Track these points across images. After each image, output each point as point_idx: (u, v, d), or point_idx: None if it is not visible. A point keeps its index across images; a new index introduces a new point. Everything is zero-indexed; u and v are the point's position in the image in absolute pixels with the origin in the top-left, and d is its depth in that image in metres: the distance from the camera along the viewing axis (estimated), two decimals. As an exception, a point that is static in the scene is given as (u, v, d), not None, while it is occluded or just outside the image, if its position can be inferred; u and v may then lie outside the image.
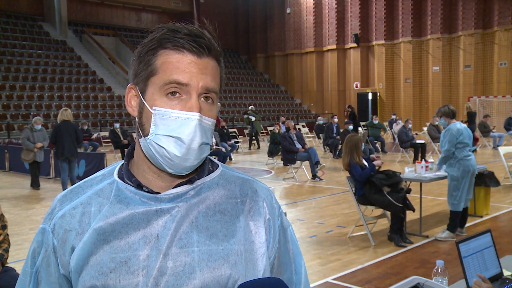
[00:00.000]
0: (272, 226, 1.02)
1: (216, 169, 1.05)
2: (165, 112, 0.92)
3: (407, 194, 5.57)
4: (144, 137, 0.95)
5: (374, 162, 5.75)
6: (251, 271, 0.96)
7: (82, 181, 1.04)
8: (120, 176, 1.01)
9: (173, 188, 0.97)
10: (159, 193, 0.97)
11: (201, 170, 1.01)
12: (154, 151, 0.93)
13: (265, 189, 1.06)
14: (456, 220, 5.65)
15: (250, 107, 21.43)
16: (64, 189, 9.34)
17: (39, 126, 9.96)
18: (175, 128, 0.91)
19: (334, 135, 14.83)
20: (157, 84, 0.93)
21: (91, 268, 0.93)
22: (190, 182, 0.98)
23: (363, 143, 5.92)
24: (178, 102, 0.92)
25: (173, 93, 0.92)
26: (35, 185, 10.05)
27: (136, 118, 0.98)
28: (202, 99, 0.94)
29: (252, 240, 0.98)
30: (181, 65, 0.92)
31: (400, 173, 5.78)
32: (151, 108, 0.93)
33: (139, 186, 0.97)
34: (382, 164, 5.80)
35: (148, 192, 0.97)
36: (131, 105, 0.99)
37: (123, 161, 1.04)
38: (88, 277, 0.92)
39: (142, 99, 0.95)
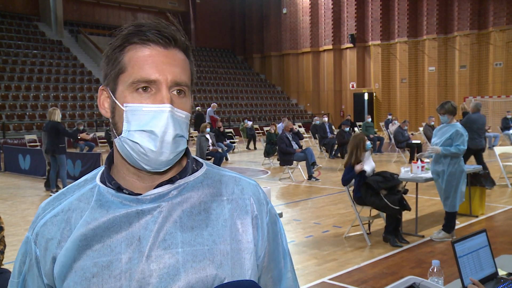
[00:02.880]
0: (260, 224, 1.00)
1: (201, 168, 1.03)
2: (136, 107, 0.90)
3: (404, 195, 5.57)
4: (118, 136, 0.94)
5: (356, 169, 5.67)
6: (238, 271, 0.95)
7: (66, 187, 1.04)
8: (103, 180, 1.00)
9: (155, 188, 0.96)
10: (141, 194, 0.95)
11: (184, 169, 0.99)
12: (129, 149, 0.92)
13: (253, 186, 1.04)
14: (453, 221, 5.64)
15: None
16: (52, 186, 9.26)
17: None
18: (147, 121, 0.90)
19: (328, 134, 14.86)
20: (126, 82, 0.92)
21: (75, 274, 0.92)
22: (171, 181, 0.97)
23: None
24: (149, 96, 0.91)
25: (144, 88, 0.91)
26: (47, 185, 9.78)
27: (110, 119, 0.97)
28: (174, 92, 0.93)
29: (239, 239, 0.96)
30: (149, 60, 0.91)
31: (398, 175, 5.77)
32: (122, 106, 0.92)
33: (119, 188, 0.96)
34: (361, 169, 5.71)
35: (129, 194, 0.95)
36: (104, 107, 0.98)
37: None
38: (72, 283, 0.92)
39: (113, 98, 0.94)
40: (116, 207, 0.94)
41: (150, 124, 0.89)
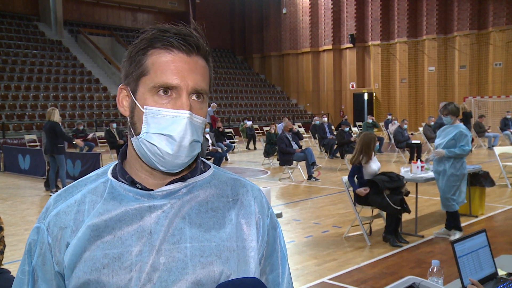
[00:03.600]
0: (262, 225, 1.04)
1: (208, 169, 1.07)
2: (156, 111, 0.93)
3: (405, 197, 5.56)
4: (136, 136, 0.96)
5: (357, 191, 5.64)
6: (243, 268, 0.98)
7: (76, 181, 1.06)
8: (114, 174, 1.02)
9: (166, 185, 0.99)
10: (153, 190, 0.98)
11: (194, 169, 1.03)
12: (146, 150, 0.95)
13: (256, 189, 1.08)
14: (458, 219, 5.64)
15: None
16: (51, 186, 9.24)
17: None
18: (166, 126, 0.93)
19: (327, 134, 14.86)
20: (148, 85, 0.95)
21: (84, 264, 0.94)
22: (183, 179, 1.00)
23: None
24: (169, 101, 0.94)
25: (164, 92, 0.94)
26: (47, 185, 9.64)
27: (128, 117, 0.99)
28: (194, 97, 0.96)
29: (244, 238, 1.00)
30: (171, 66, 0.94)
31: (404, 177, 5.74)
32: (143, 107, 0.94)
33: (132, 183, 0.99)
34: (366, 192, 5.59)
35: (141, 189, 0.98)
36: (123, 105, 1.01)
37: (117, 161, 1.06)
38: (81, 273, 0.93)
39: (134, 98, 0.97)
40: (128, 200, 0.97)
41: (169, 128, 0.93)
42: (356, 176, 5.73)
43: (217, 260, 0.95)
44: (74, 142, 9.50)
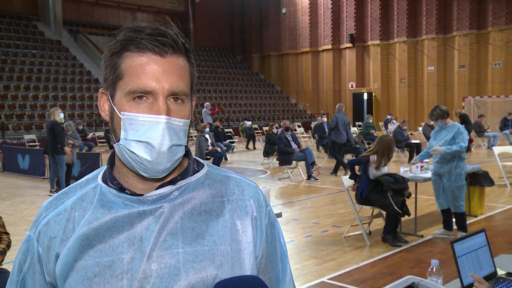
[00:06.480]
0: (259, 225, 1.01)
1: (202, 169, 1.04)
2: (133, 117, 0.91)
3: (407, 198, 5.56)
4: (116, 142, 0.94)
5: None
6: (238, 271, 0.95)
7: (67, 187, 1.04)
8: (104, 180, 1.00)
9: (156, 189, 0.97)
10: (143, 195, 0.96)
11: (185, 170, 1.00)
12: (127, 156, 0.93)
13: (253, 187, 1.05)
14: (465, 218, 5.62)
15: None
16: (51, 186, 9.14)
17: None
18: (143, 132, 0.90)
19: (326, 134, 14.87)
20: (123, 89, 0.92)
21: (76, 273, 0.92)
22: (172, 183, 0.97)
23: (357, 143, 5.91)
24: (146, 106, 0.91)
25: (140, 97, 0.91)
26: (58, 185, 9.39)
27: (109, 123, 0.97)
28: (172, 99, 0.93)
29: (239, 240, 0.97)
30: (145, 69, 0.91)
31: (409, 180, 5.72)
32: (120, 113, 0.92)
33: (121, 189, 0.97)
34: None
35: (131, 194, 0.96)
36: (105, 109, 0.98)
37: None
38: (73, 283, 0.92)
39: (112, 104, 0.95)
40: (118, 207, 0.95)
41: (146, 135, 0.90)
42: (356, 168, 5.76)
43: (211, 265, 0.93)
44: (63, 148, 9.25)
